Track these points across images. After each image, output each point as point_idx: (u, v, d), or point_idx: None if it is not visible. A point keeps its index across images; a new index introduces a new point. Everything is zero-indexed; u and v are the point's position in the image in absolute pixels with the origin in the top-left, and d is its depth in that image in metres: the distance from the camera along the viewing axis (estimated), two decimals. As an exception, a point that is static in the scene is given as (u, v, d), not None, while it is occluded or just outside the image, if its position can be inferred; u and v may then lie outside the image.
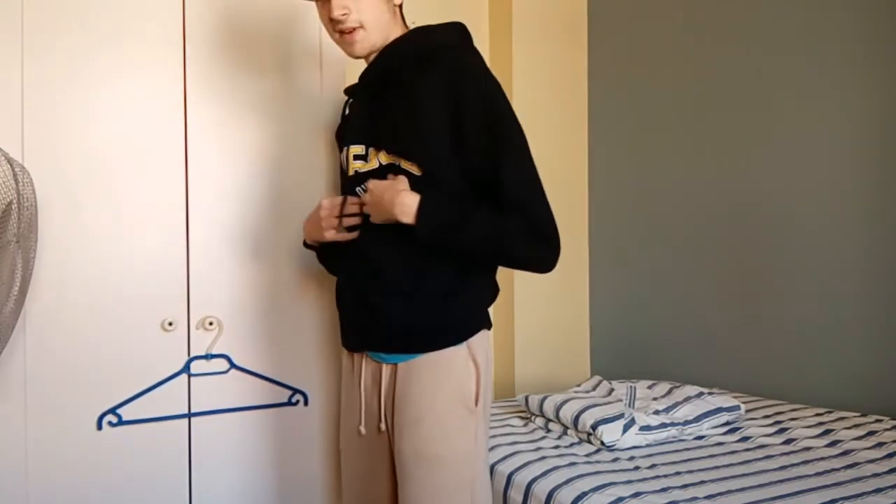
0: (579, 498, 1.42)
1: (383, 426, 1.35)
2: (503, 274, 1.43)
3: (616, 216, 2.86)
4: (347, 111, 1.52)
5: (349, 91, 1.50)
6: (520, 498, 1.53)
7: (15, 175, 1.42)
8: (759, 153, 2.33)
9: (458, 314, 1.32)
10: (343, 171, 1.48)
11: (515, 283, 2.73)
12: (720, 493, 1.40)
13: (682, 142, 2.60)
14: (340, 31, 1.33)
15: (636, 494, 1.40)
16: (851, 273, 2.09)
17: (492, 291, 1.40)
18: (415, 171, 1.30)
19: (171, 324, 1.76)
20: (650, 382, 2.17)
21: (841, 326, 2.11)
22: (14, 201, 1.41)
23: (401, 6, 1.41)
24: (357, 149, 1.41)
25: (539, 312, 2.79)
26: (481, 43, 2.88)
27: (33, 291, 1.60)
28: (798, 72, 2.22)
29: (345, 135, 1.48)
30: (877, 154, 2.03)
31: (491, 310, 1.40)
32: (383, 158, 1.35)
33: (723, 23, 2.46)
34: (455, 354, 1.30)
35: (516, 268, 1.39)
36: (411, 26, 1.43)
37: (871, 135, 2.04)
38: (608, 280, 2.89)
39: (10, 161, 1.43)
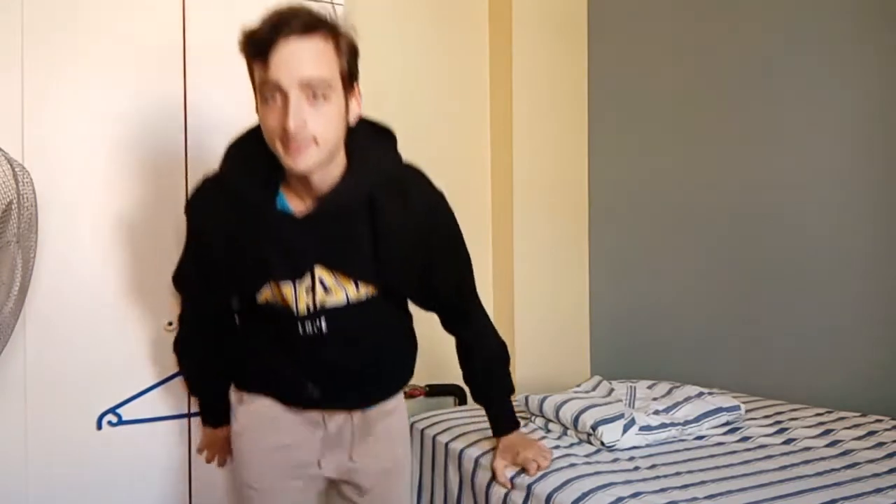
0: (580, 498, 1.42)
1: (354, 461, 1.47)
2: (504, 272, 1.44)
3: (616, 216, 2.86)
4: (271, 233, 1.29)
5: (267, 211, 1.28)
6: (520, 500, 1.53)
7: (15, 175, 1.42)
8: (760, 153, 2.32)
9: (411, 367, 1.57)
10: (274, 307, 1.35)
11: (515, 284, 2.73)
12: (720, 494, 1.40)
13: (683, 142, 2.60)
14: (287, 142, 1.16)
15: (636, 495, 1.40)
16: (852, 273, 2.08)
17: None
18: (371, 292, 1.37)
19: (171, 324, 1.76)
20: (650, 382, 2.17)
21: (841, 326, 2.11)
22: (14, 201, 1.41)
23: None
24: (326, 275, 1.32)
25: (539, 312, 2.79)
26: (481, 43, 2.89)
27: (33, 291, 1.60)
28: (800, 69, 2.22)
29: (285, 262, 1.30)
30: (878, 154, 2.03)
31: (491, 309, 1.44)
32: (350, 289, 1.34)
33: (723, 22, 2.46)
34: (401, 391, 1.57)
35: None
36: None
37: (873, 136, 2.04)
38: (608, 280, 2.89)
39: (10, 161, 1.43)
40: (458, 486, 1.73)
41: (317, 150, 1.18)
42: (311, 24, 1.16)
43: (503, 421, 1.63)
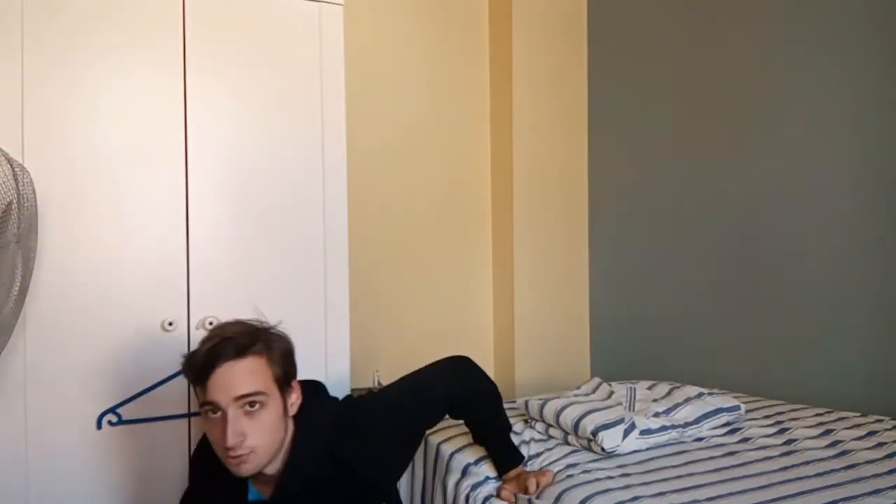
0: None
1: None
2: (504, 273, 1.43)
3: (616, 217, 2.86)
4: None
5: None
6: (521, 504, 1.53)
7: (15, 175, 1.41)
8: (760, 152, 2.33)
9: None
10: None
11: (515, 284, 2.73)
12: (720, 496, 1.39)
13: (683, 141, 2.60)
14: (228, 454, 1.30)
15: (635, 499, 1.40)
16: (852, 272, 2.09)
17: None
18: None
19: (171, 324, 1.76)
20: (650, 383, 2.16)
21: (841, 326, 2.11)
22: (14, 201, 1.41)
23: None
24: None
25: (539, 313, 2.79)
26: (481, 43, 2.88)
27: (33, 291, 1.60)
28: (799, 70, 2.22)
29: None
30: (878, 155, 2.03)
31: (491, 310, 1.41)
32: None
33: (722, 21, 2.46)
34: None
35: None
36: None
37: (873, 137, 2.04)
38: (608, 281, 2.89)
39: (10, 161, 1.42)
40: (454, 496, 1.70)
41: (257, 458, 1.32)
42: (243, 347, 1.32)
43: (506, 457, 1.64)
